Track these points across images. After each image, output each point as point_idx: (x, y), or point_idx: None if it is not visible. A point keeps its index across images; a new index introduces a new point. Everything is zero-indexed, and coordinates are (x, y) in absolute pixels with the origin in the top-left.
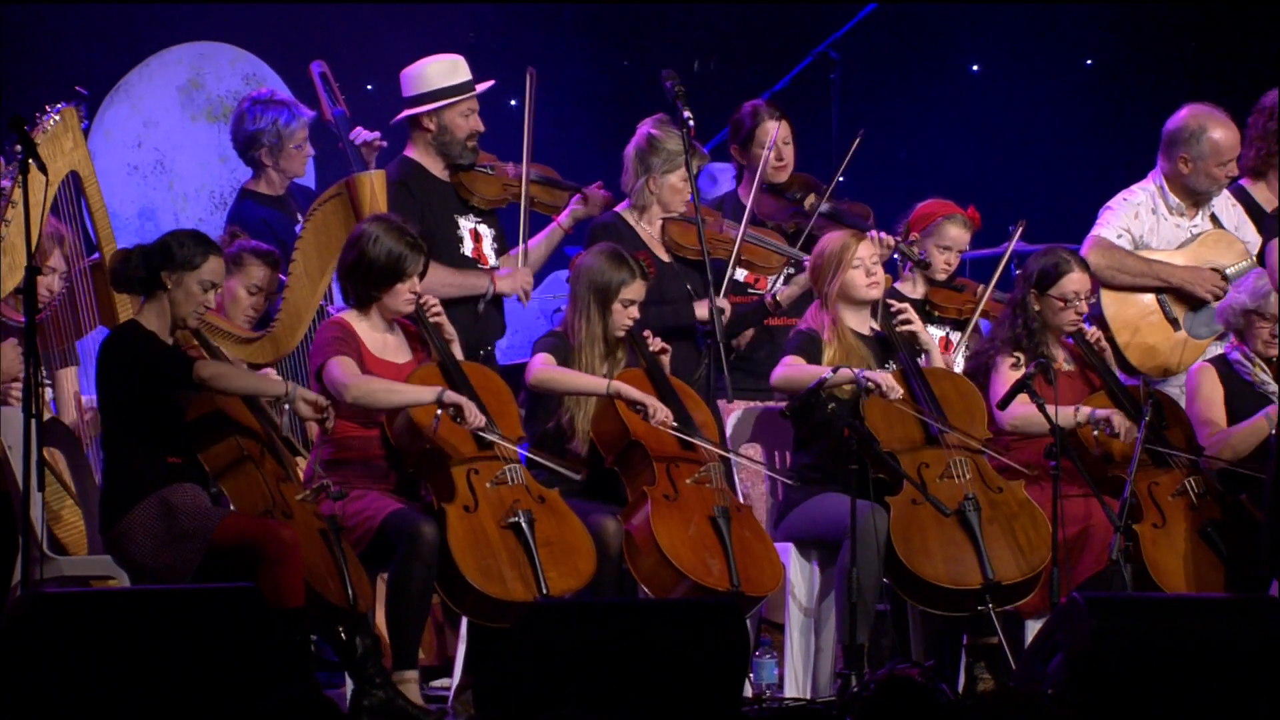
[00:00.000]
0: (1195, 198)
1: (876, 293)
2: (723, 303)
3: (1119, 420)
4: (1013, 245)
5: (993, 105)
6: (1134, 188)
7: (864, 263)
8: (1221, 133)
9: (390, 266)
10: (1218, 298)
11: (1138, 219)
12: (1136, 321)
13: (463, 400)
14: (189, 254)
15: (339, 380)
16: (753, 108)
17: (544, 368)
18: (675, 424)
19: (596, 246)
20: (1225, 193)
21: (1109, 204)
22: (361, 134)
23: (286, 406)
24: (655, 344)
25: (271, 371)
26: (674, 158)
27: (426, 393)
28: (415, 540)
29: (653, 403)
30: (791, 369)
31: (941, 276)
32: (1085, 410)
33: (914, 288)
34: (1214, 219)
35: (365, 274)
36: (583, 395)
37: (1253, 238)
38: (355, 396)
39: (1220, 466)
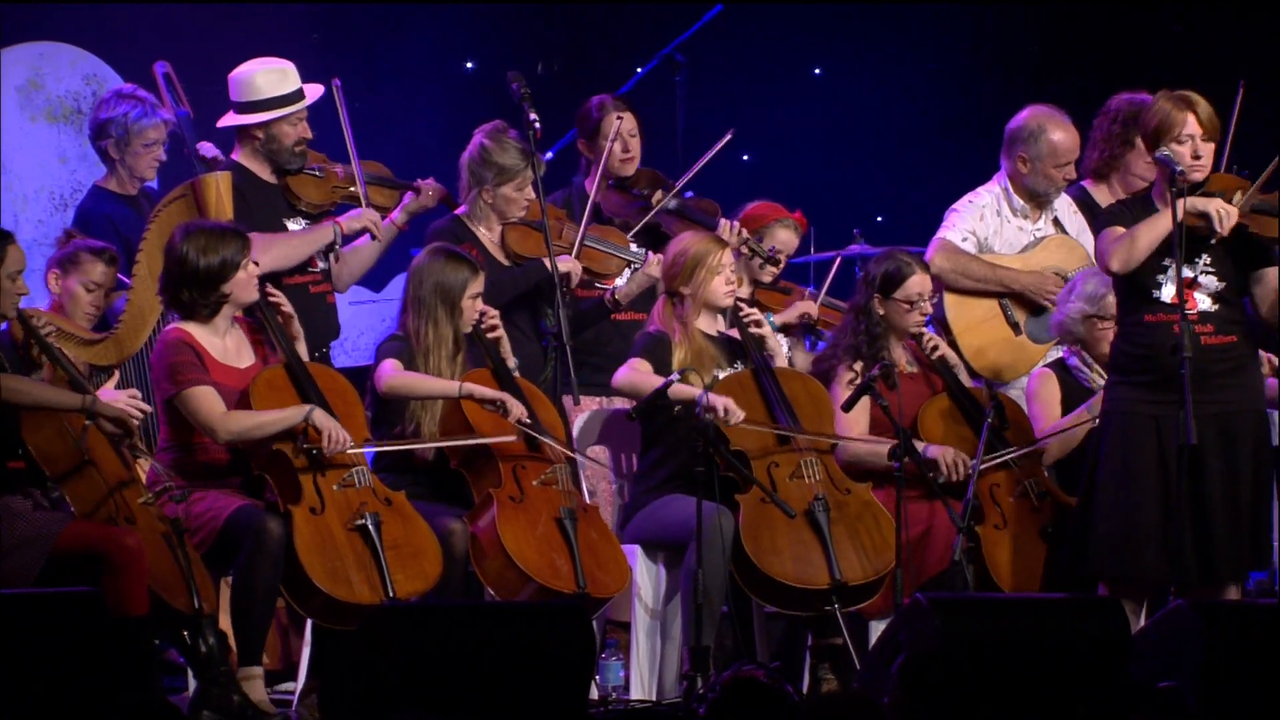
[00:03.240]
0: (1037, 199)
1: (730, 300)
2: (570, 264)
3: (945, 463)
4: (856, 250)
5: (836, 108)
6: (979, 190)
7: (725, 269)
8: (1060, 134)
9: (222, 268)
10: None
11: (982, 221)
12: (978, 324)
13: (326, 426)
14: None
15: (206, 423)
16: (599, 102)
17: (394, 374)
18: (529, 420)
19: (428, 249)
20: (1068, 199)
21: (954, 206)
22: (207, 150)
23: (88, 421)
24: (489, 319)
25: (115, 385)
26: (505, 171)
27: (295, 415)
28: (260, 536)
29: (506, 398)
30: (636, 374)
31: (768, 279)
32: (919, 445)
33: (739, 289)
34: (1056, 223)
35: (199, 282)
36: (435, 398)
37: (1091, 243)
38: (227, 440)
39: (1052, 460)
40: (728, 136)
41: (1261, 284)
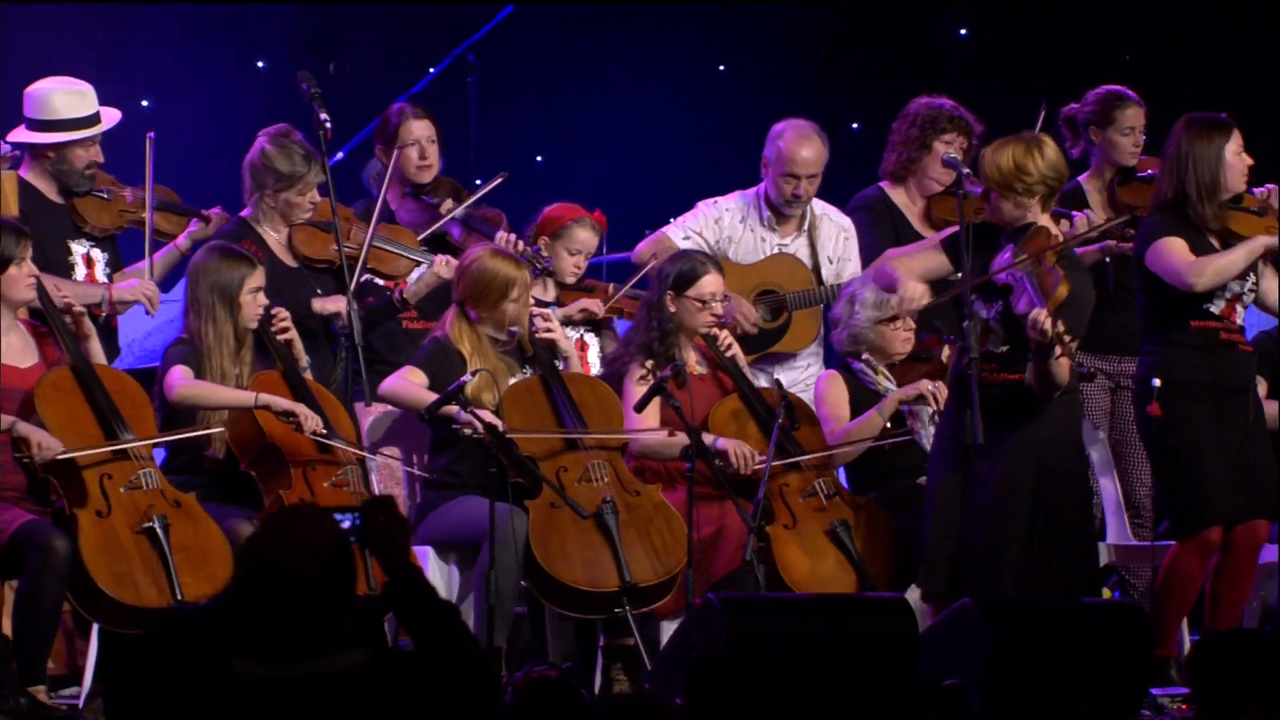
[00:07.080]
0: (778, 210)
1: (525, 320)
2: (338, 305)
3: (736, 454)
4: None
5: (630, 109)
6: (736, 192)
7: (524, 295)
8: (793, 144)
9: None
10: (747, 332)
11: (718, 224)
12: None
13: (27, 431)
14: None
15: None
16: (399, 108)
17: (185, 384)
18: (325, 431)
19: (205, 247)
20: (846, 226)
21: (700, 202)
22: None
23: None
24: (279, 320)
25: None
26: (287, 176)
27: None
28: (47, 553)
29: (301, 410)
30: (404, 383)
31: (571, 280)
32: (709, 437)
33: (545, 290)
34: (811, 241)
35: None
36: (229, 409)
37: (853, 272)
38: None
39: (842, 461)
40: (498, 179)
41: None
